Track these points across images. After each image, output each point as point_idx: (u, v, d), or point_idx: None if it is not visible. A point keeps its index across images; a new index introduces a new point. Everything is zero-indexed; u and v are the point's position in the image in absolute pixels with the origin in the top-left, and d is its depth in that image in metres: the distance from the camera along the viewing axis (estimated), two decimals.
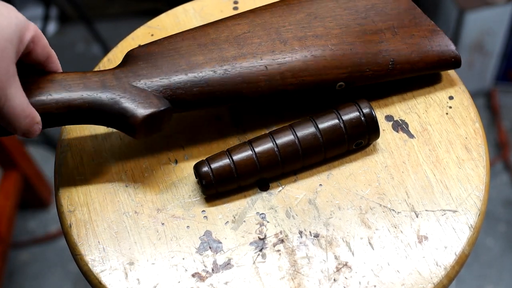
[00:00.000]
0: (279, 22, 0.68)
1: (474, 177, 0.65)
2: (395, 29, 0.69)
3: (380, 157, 0.67)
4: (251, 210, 0.64)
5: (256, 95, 0.65)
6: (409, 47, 0.68)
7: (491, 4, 1.53)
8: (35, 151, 1.65)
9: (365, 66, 0.67)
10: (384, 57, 0.67)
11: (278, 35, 0.67)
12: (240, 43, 0.66)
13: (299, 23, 0.68)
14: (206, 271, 0.61)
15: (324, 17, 0.69)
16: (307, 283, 0.60)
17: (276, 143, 0.63)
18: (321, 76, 0.66)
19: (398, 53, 0.68)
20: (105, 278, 0.60)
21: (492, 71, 1.70)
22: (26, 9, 1.84)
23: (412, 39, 0.69)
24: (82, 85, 0.61)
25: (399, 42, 0.68)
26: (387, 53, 0.67)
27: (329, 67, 0.66)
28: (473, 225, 0.62)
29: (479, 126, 0.68)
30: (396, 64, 0.68)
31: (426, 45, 0.69)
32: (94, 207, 0.65)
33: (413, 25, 0.70)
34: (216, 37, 0.66)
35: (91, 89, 0.61)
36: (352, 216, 0.63)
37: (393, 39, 0.68)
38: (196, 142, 0.69)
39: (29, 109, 0.58)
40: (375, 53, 0.67)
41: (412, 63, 0.68)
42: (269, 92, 0.65)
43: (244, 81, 0.64)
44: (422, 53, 0.68)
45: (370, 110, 0.64)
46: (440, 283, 0.59)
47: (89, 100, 0.61)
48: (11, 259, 1.54)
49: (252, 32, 0.67)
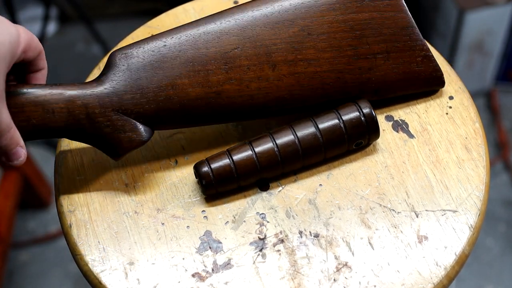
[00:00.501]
0: (271, 37, 0.65)
1: (474, 177, 0.65)
2: (388, 54, 0.67)
3: (380, 157, 0.67)
4: (251, 210, 0.64)
5: (238, 117, 0.66)
6: (396, 75, 0.67)
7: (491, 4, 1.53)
8: (35, 151, 1.65)
9: (350, 93, 0.67)
10: (370, 86, 0.67)
11: (268, 57, 0.65)
12: (228, 63, 0.64)
13: (291, 41, 0.65)
14: (206, 271, 0.61)
15: (318, 34, 0.66)
16: (307, 283, 0.60)
17: (276, 143, 0.63)
18: (304, 103, 0.66)
19: (385, 80, 0.67)
20: (105, 278, 0.60)
21: (492, 71, 1.70)
22: (26, 9, 1.84)
23: (403, 66, 0.67)
24: (66, 110, 0.61)
25: (389, 69, 0.67)
26: (374, 82, 0.67)
27: (314, 96, 0.66)
28: (473, 225, 0.62)
29: (479, 126, 0.68)
30: (380, 92, 0.68)
31: (415, 72, 0.68)
32: (94, 207, 0.65)
33: (407, 49, 0.67)
34: (204, 53, 0.64)
35: (74, 117, 0.61)
36: (352, 216, 0.63)
37: (383, 66, 0.67)
38: (196, 142, 0.69)
39: (13, 129, 0.57)
40: (362, 82, 0.67)
41: (395, 91, 0.68)
42: (250, 114, 0.66)
43: (228, 107, 0.64)
44: (409, 81, 0.68)
45: (370, 110, 0.64)
46: (440, 283, 0.59)
47: (73, 129, 0.61)
48: (11, 259, 1.54)
49: (242, 49, 0.64)
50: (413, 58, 0.68)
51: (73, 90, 0.61)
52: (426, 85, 0.69)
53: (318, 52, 0.66)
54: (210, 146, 0.68)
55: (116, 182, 0.66)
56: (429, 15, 1.71)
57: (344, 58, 0.66)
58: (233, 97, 0.64)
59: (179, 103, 0.63)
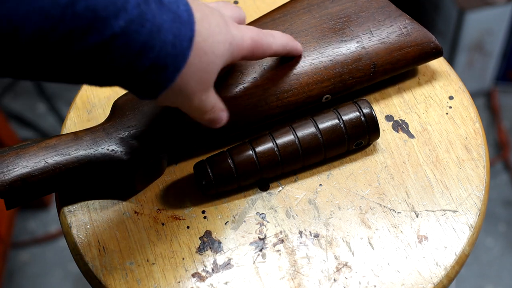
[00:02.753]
0: None
1: (474, 177, 0.65)
2: (371, 31, 0.69)
3: (380, 157, 0.67)
4: (251, 210, 0.64)
5: (242, 125, 0.66)
6: (388, 47, 0.68)
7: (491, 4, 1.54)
8: None
9: (347, 75, 0.67)
10: (365, 62, 0.67)
11: (258, 61, 0.66)
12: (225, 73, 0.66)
13: None
14: (206, 271, 0.61)
15: (299, 31, 0.68)
16: (307, 283, 0.60)
17: (276, 143, 0.63)
18: (305, 94, 0.66)
19: (378, 55, 0.68)
20: (105, 278, 0.60)
21: (492, 71, 1.70)
22: None
23: (389, 38, 0.68)
24: (76, 146, 0.62)
25: (377, 44, 0.68)
26: (367, 58, 0.67)
27: (311, 82, 0.66)
28: (473, 225, 0.62)
29: (479, 126, 0.68)
30: (378, 67, 0.68)
31: (404, 41, 0.68)
32: (94, 207, 0.65)
33: (390, 24, 0.69)
34: None
35: (84, 148, 0.62)
36: (352, 216, 0.63)
37: (370, 42, 0.68)
38: None
39: (217, 102, 0.58)
40: (355, 60, 0.67)
41: (393, 63, 0.68)
42: (255, 119, 0.66)
43: (229, 115, 0.63)
44: (402, 51, 0.68)
45: (370, 110, 0.64)
46: (440, 283, 0.59)
47: (85, 160, 0.62)
48: (11, 259, 1.54)
49: None
50: (399, 30, 0.69)
51: (80, 132, 0.63)
52: (423, 54, 0.69)
53: (304, 44, 0.68)
54: (210, 146, 0.68)
55: None
56: (429, 15, 1.71)
57: (329, 43, 0.68)
58: (234, 105, 0.64)
59: (180, 123, 0.64)
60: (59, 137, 0.62)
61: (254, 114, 0.66)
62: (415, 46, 0.68)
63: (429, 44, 0.69)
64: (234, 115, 0.64)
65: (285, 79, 0.66)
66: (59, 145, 0.61)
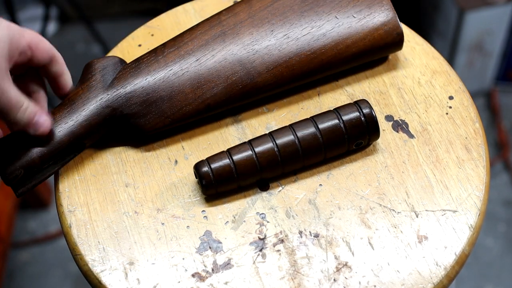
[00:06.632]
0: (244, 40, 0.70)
1: (474, 177, 0.65)
2: (337, 16, 0.70)
3: (380, 157, 0.67)
4: (251, 210, 0.64)
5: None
6: (352, 26, 0.70)
7: (491, 4, 1.54)
8: None
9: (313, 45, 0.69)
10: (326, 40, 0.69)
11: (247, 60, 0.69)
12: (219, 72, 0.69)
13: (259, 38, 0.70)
14: (206, 271, 0.61)
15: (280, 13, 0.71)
16: (307, 283, 0.60)
17: (276, 143, 0.63)
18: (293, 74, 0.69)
19: (340, 35, 0.69)
20: (105, 278, 0.60)
21: (492, 71, 1.70)
22: (26, 9, 1.84)
23: (354, 23, 0.70)
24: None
25: (342, 25, 0.70)
26: (329, 36, 0.69)
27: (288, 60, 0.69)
28: (473, 225, 0.62)
29: (479, 126, 0.68)
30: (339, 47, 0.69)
31: (367, 22, 0.70)
32: (94, 207, 0.65)
33: (352, 7, 0.71)
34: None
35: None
36: (352, 216, 0.63)
37: (336, 24, 0.70)
38: (196, 142, 0.69)
39: (26, 102, 0.60)
40: (316, 38, 0.69)
41: (355, 42, 0.69)
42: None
43: None
44: (366, 29, 0.70)
45: (370, 110, 0.64)
46: (440, 283, 0.59)
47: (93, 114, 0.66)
48: (11, 259, 1.54)
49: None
50: (362, 12, 0.70)
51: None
52: (383, 37, 0.70)
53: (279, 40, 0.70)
54: (210, 146, 0.68)
55: (116, 182, 0.66)
56: (429, 15, 1.71)
57: (296, 21, 0.70)
58: None
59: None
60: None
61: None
62: (376, 24, 0.70)
63: (391, 26, 0.70)
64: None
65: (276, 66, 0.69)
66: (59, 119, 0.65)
